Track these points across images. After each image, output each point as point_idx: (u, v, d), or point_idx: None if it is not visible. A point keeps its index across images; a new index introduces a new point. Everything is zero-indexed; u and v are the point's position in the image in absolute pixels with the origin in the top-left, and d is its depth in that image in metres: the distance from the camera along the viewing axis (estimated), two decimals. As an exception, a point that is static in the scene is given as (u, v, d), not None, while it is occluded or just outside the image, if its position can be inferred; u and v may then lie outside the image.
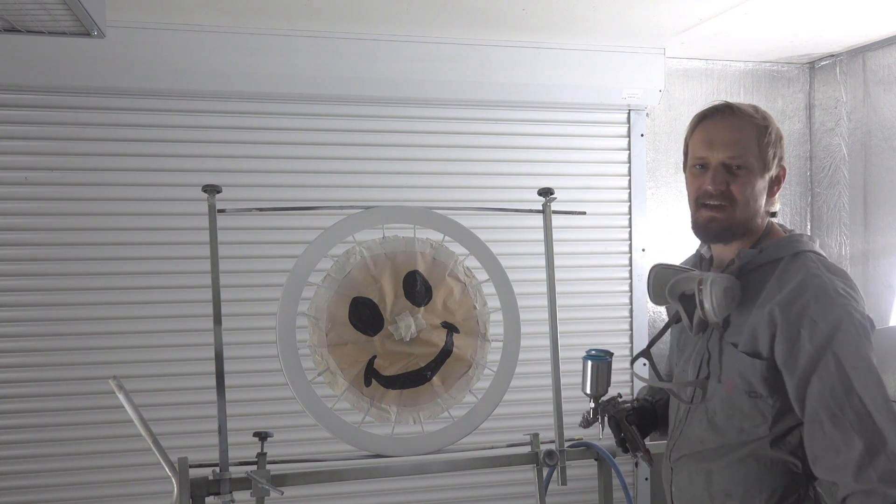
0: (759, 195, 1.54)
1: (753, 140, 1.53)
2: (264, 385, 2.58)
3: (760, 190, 1.54)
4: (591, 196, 2.91)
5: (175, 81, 2.52)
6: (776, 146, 1.55)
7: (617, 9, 2.44)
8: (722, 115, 1.56)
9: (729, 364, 1.52)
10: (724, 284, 1.48)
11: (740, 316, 1.53)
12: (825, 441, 1.39)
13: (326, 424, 1.74)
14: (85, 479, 2.54)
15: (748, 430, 1.49)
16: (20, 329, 2.51)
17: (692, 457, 1.59)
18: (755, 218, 1.55)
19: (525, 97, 2.80)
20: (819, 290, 1.43)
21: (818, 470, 1.42)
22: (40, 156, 2.52)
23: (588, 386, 1.77)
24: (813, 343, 1.40)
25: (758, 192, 1.53)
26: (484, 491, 2.81)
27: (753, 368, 1.47)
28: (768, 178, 1.55)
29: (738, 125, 1.54)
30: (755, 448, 1.49)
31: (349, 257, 1.82)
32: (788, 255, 1.52)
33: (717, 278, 1.48)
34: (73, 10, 1.50)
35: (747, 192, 1.52)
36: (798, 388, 1.42)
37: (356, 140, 2.73)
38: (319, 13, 2.44)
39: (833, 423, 1.37)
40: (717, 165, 1.53)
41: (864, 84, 2.93)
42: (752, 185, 1.52)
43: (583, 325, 2.91)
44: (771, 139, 1.54)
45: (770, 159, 1.54)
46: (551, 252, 1.93)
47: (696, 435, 1.59)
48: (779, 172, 1.58)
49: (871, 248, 2.89)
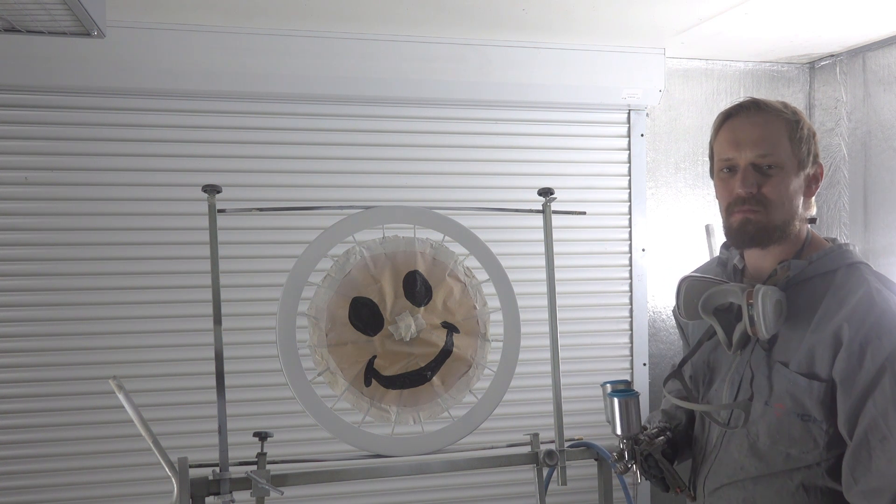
0: (794, 195, 1.42)
1: (784, 136, 1.42)
2: (264, 385, 2.58)
3: (796, 189, 1.42)
4: (591, 196, 2.91)
5: (175, 81, 2.52)
6: (809, 142, 1.44)
7: (617, 9, 2.44)
8: (748, 112, 1.46)
9: (780, 385, 1.40)
10: (775, 297, 1.37)
11: (789, 332, 1.41)
12: (868, 463, 1.30)
13: (326, 424, 1.74)
14: (85, 479, 2.54)
15: (795, 456, 1.39)
16: (20, 329, 2.51)
17: (734, 486, 1.48)
18: (793, 220, 1.44)
19: (525, 97, 2.80)
20: (885, 307, 1.34)
21: (854, 495, 1.32)
22: (40, 156, 2.52)
23: (619, 427, 1.59)
24: (875, 362, 1.31)
25: (793, 191, 1.42)
26: (484, 491, 2.81)
27: (810, 391, 1.36)
28: (804, 177, 1.44)
29: (766, 121, 1.43)
30: (806, 477, 1.38)
31: (349, 257, 1.82)
32: (843, 268, 1.41)
33: (768, 291, 1.36)
34: (73, 10, 1.50)
35: (782, 193, 1.41)
36: (853, 408, 1.32)
37: (356, 140, 2.73)
38: (319, 13, 2.44)
39: (882, 446, 1.29)
40: (747, 166, 1.42)
41: (864, 84, 2.93)
42: (786, 185, 1.41)
43: (583, 325, 2.91)
44: (804, 134, 1.43)
45: (805, 156, 1.43)
46: (551, 252, 1.93)
47: (734, 461, 1.48)
48: (816, 170, 1.46)
49: (871, 248, 2.89)
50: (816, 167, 1.47)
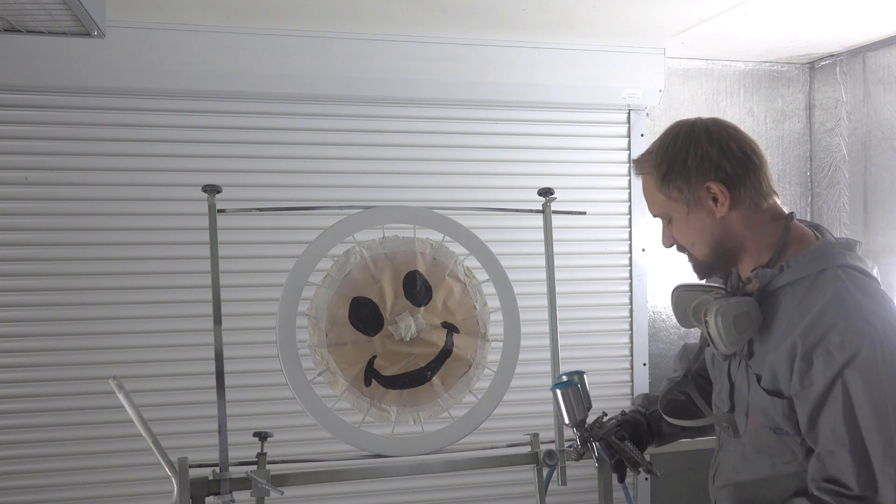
0: (703, 227, 1.40)
1: (654, 189, 1.42)
2: (264, 385, 2.58)
3: (701, 221, 1.39)
4: (591, 196, 2.91)
5: (175, 81, 2.52)
6: (683, 173, 1.38)
7: (617, 9, 2.44)
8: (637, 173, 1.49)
9: (754, 398, 1.38)
10: (733, 313, 1.34)
11: (762, 345, 1.39)
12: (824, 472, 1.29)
13: (326, 424, 1.74)
14: (85, 479, 2.54)
15: (779, 465, 1.38)
16: (20, 329, 2.51)
17: (734, 487, 1.49)
18: (725, 243, 1.40)
19: (524, 97, 2.79)
20: (841, 317, 1.26)
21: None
22: (40, 156, 2.52)
23: (565, 416, 1.62)
24: (825, 376, 1.25)
25: (699, 226, 1.40)
26: (484, 491, 2.81)
27: (774, 407, 1.34)
28: (702, 206, 1.39)
29: (643, 182, 1.46)
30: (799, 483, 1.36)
31: (349, 257, 1.82)
32: (813, 274, 1.34)
33: (723, 307, 1.34)
34: (73, 10, 1.50)
35: (687, 234, 1.42)
36: (808, 423, 1.29)
37: (356, 140, 2.73)
38: (319, 13, 2.44)
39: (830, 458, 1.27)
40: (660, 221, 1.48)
41: (864, 84, 2.93)
42: (685, 228, 1.41)
43: (583, 325, 2.91)
44: (672, 173, 1.39)
45: (685, 190, 1.38)
46: (551, 252, 1.93)
47: (732, 465, 1.49)
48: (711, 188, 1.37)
49: (871, 248, 2.89)
50: (704, 188, 1.38)
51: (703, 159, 1.38)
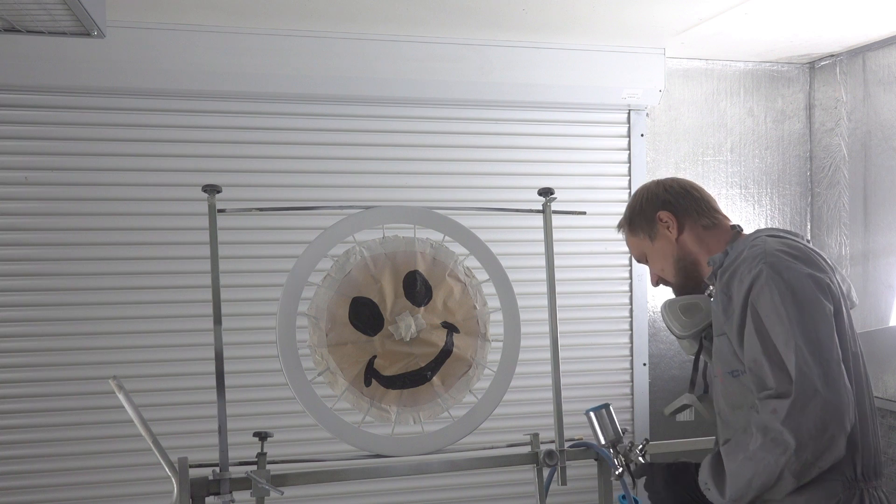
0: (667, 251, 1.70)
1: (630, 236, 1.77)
2: (264, 385, 2.58)
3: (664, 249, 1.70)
4: (591, 196, 2.91)
5: (175, 81, 2.52)
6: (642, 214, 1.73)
7: (617, 9, 2.44)
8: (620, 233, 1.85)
9: (714, 353, 1.58)
10: (677, 305, 1.67)
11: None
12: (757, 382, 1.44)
13: (326, 424, 1.74)
14: (85, 480, 2.54)
15: (747, 412, 1.49)
16: (20, 329, 2.51)
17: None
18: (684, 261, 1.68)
19: (525, 97, 2.80)
20: (750, 254, 1.49)
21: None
22: (40, 156, 2.52)
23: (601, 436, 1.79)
24: (738, 301, 1.47)
25: (664, 252, 1.70)
26: (484, 491, 2.81)
27: (721, 347, 1.53)
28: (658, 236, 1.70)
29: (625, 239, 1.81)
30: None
31: (349, 257, 1.82)
32: (748, 247, 1.54)
33: (672, 300, 1.69)
34: (73, 10, 1.50)
35: (659, 262, 1.72)
36: (739, 347, 1.47)
37: (356, 140, 2.73)
38: (319, 13, 2.44)
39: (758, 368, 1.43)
40: None
41: (864, 84, 2.93)
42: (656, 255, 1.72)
43: (583, 325, 2.91)
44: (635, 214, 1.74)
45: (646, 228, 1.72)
46: (551, 252, 1.93)
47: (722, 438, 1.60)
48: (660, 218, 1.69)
49: (871, 248, 2.89)
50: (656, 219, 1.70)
51: (652, 198, 1.73)
